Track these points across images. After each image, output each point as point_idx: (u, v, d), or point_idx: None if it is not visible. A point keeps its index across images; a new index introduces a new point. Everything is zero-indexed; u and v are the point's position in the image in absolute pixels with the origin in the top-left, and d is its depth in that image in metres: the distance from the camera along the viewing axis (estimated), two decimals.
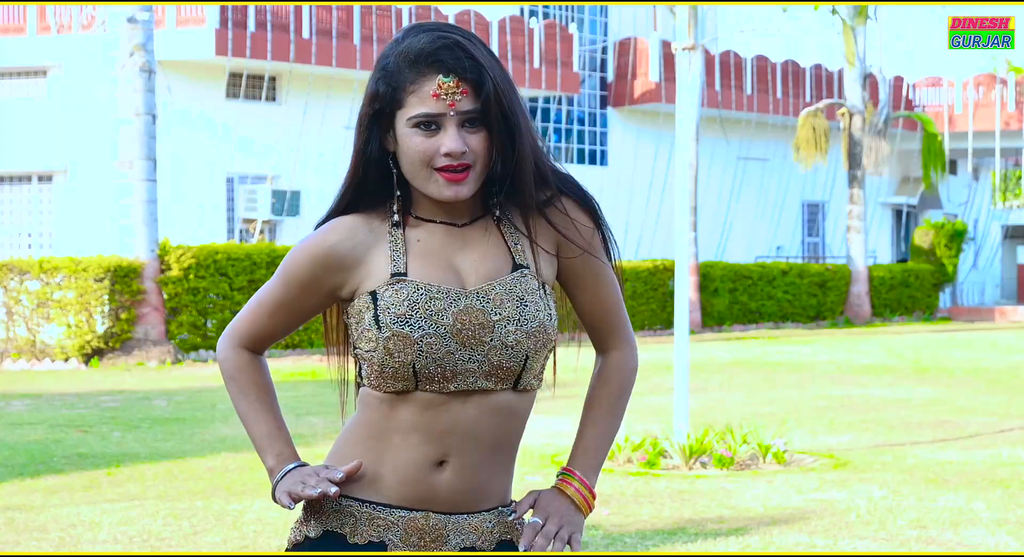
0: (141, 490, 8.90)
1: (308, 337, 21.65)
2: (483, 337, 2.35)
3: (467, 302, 2.36)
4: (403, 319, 2.33)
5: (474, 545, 2.40)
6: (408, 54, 2.36)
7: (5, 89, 26.17)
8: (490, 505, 2.43)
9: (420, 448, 2.38)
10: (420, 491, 2.38)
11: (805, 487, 8.86)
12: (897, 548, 6.96)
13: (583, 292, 2.54)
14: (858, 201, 32.57)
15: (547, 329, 2.40)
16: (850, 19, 32.20)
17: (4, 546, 7.11)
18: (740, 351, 22.17)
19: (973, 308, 36.34)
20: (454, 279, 2.39)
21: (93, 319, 19.69)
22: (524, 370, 2.39)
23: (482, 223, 2.44)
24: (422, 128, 2.34)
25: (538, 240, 2.45)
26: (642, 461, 9.60)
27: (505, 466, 2.45)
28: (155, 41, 20.58)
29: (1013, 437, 11.32)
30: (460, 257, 2.41)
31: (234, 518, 7.86)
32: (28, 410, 13.83)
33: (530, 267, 2.42)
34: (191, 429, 12.15)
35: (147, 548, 7.05)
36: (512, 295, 2.37)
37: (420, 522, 2.38)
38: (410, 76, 2.35)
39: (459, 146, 2.33)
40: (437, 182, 2.35)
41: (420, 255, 2.40)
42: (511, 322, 2.36)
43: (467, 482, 2.39)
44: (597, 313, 2.55)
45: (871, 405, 13.84)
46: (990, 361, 19.84)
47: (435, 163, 2.35)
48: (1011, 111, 39.00)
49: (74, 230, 25.24)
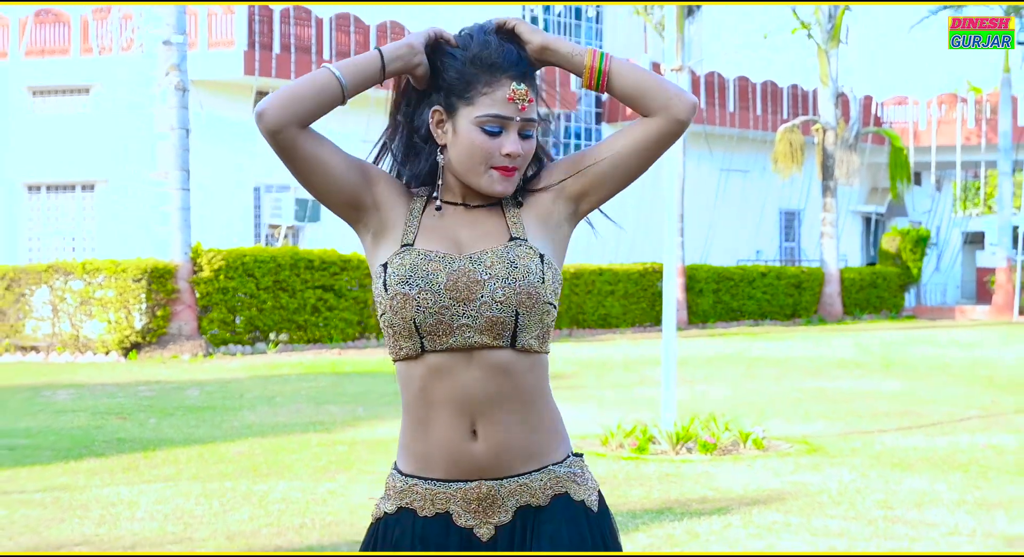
0: (175, 472, 8.91)
1: (328, 333, 21.66)
2: (474, 292, 2.36)
3: (460, 264, 2.38)
4: (403, 280, 2.36)
5: (528, 503, 2.40)
6: (484, 58, 2.39)
7: (52, 106, 26.19)
8: (538, 465, 2.42)
9: (452, 421, 2.38)
10: (465, 464, 2.39)
11: (782, 470, 8.87)
12: (865, 526, 6.96)
13: (611, 159, 2.48)
14: (831, 209, 32.56)
15: (536, 289, 2.38)
16: (824, 43, 32.19)
17: (50, 522, 7.12)
18: (723, 347, 22.16)
19: (936, 307, 36.31)
20: (454, 248, 2.42)
21: (131, 316, 19.70)
22: (518, 327, 2.37)
23: (490, 207, 2.47)
24: (487, 128, 2.38)
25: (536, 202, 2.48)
26: (633, 447, 9.60)
27: (535, 426, 2.42)
28: (188, 62, 20.61)
29: (971, 425, 11.32)
30: (464, 232, 2.44)
31: (260, 498, 7.87)
32: (72, 399, 13.84)
33: (527, 240, 2.42)
34: (221, 416, 12.15)
35: (180, 525, 7.06)
36: (503, 259, 2.38)
37: (475, 491, 2.40)
38: (484, 77, 2.38)
39: (519, 149, 2.39)
40: (491, 177, 2.40)
41: (429, 230, 2.43)
42: (499, 280, 2.37)
43: (500, 444, 2.39)
44: (625, 143, 2.48)
45: (842, 396, 13.84)
46: (951, 356, 19.83)
47: (493, 162, 2.39)
48: (971, 127, 38.98)
49: (114, 234, 25.25)
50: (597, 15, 35.20)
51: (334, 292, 21.74)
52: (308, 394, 14.15)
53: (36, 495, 7.96)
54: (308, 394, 14.15)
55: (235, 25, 25.68)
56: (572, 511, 2.43)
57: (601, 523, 2.47)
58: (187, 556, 6.38)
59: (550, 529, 2.39)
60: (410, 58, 2.42)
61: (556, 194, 2.48)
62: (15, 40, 26.39)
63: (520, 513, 2.41)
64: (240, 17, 25.63)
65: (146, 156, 22.59)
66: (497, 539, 2.40)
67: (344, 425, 11.44)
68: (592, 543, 2.43)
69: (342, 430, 11.08)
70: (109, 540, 6.70)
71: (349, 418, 11.96)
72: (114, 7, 25.76)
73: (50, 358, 19.99)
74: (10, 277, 20.55)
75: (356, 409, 12.66)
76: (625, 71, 2.45)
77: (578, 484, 2.45)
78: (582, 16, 34.98)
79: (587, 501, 2.45)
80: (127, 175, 25.21)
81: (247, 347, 20.63)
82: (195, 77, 23.03)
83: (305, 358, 19.39)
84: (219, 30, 25.80)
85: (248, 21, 25.67)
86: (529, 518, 2.41)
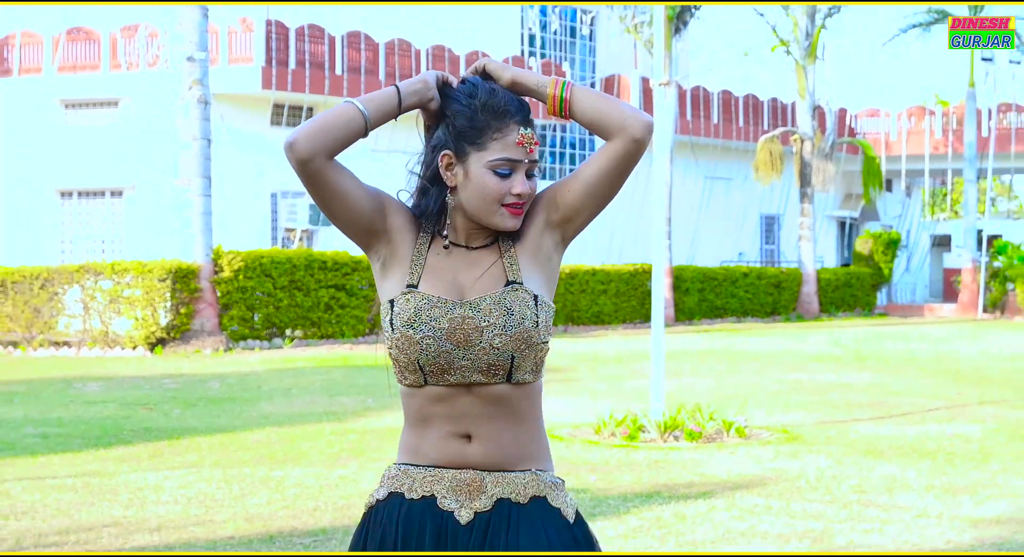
0: (198, 459, 8.90)
1: (340, 329, 21.65)
2: (473, 339, 2.37)
3: (461, 311, 2.38)
4: (408, 323, 2.38)
5: (508, 496, 2.40)
6: (493, 106, 2.40)
7: (83, 117, 26.18)
8: (526, 467, 2.43)
9: (447, 428, 2.41)
10: (456, 457, 2.41)
11: (762, 457, 8.86)
12: (840, 509, 6.96)
13: (582, 189, 2.46)
14: (808, 214, 32.55)
15: (531, 334, 2.39)
16: (801, 59, 32.18)
17: (81, 506, 7.11)
18: (708, 342, 22.15)
19: (906, 305, 36.31)
20: (455, 292, 2.42)
21: (157, 313, 19.69)
22: (513, 368, 2.39)
23: (489, 248, 2.47)
24: (499, 171, 2.39)
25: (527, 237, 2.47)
26: (624, 435, 9.60)
27: (529, 436, 2.44)
28: (210, 77, 20.60)
29: (939, 415, 11.32)
30: (464, 274, 2.44)
31: (277, 483, 7.86)
32: (101, 391, 13.84)
33: (523, 283, 2.43)
34: (240, 407, 12.14)
35: (202, 508, 7.05)
36: (500, 306, 2.39)
37: (461, 476, 2.41)
38: (495, 124, 2.40)
39: (527, 188, 2.41)
40: (503, 215, 2.41)
41: (432, 271, 2.44)
42: (497, 328, 2.37)
43: (493, 449, 2.40)
44: (592, 171, 2.45)
45: (819, 388, 13.84)
46: (920, 351, 19.83)
47: (505, 201, 2.40)
48: (938, 138, 38.97)
49: (141, 237, 25.23)
50: (591, 33, 35.18)
51: (346, 291, 21.74)
52: (322, 386, 14.14)
53: (68, 480, 7.96)
54: (322, 386, 14.14)
55: (253, 42, 25.66)
56: (550, 514, 2.42)
57: (579, 529, 2.44)
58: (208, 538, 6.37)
59: (528, 524, 2.39)
60: (424, 93, 2.43)
61: (543, 227, 2.48)
62: (48, 56, 26.38)
63: (499, 505, 2.40)
64: (258, 35, 25.61)
65: (170, 164, 22.56)
66: (475, 525, 2.39)
67: (355, 415, 11.43)
68: (573, 538, 2.41)
69: (354, 420, 11.08)
70: (136, 522, 6.69)
71: (360, 408, 11.95)
72: (140, 26, 25.75)
73: (81, 352, 19.98)
74: (44, 277, 20.55)
75: (367, 400, 12.65)
76: (584, 97, 2.45)
77: (556, 493, 2.44)
78: (576, 34, 34.96)
79: (563, 510, 2.43)
80: (153, 182, 25.19)
81: (265, 342, 20.62)
82: (216, 91, 23.00)
83: (319, 352, 19.38)
84: (238, 47, 25.79)
85: (265, 38, 25.66)
86: (506, 512, 2.40)
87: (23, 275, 20.71)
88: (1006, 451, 9.17)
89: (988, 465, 8.52)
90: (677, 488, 7.63)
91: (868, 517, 6.76)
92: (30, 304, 20.48)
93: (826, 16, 32.00)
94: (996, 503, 7.17)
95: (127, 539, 6.29)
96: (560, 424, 10.43)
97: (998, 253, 33.68)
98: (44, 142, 25.98)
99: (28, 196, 26.25)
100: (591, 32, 35.14)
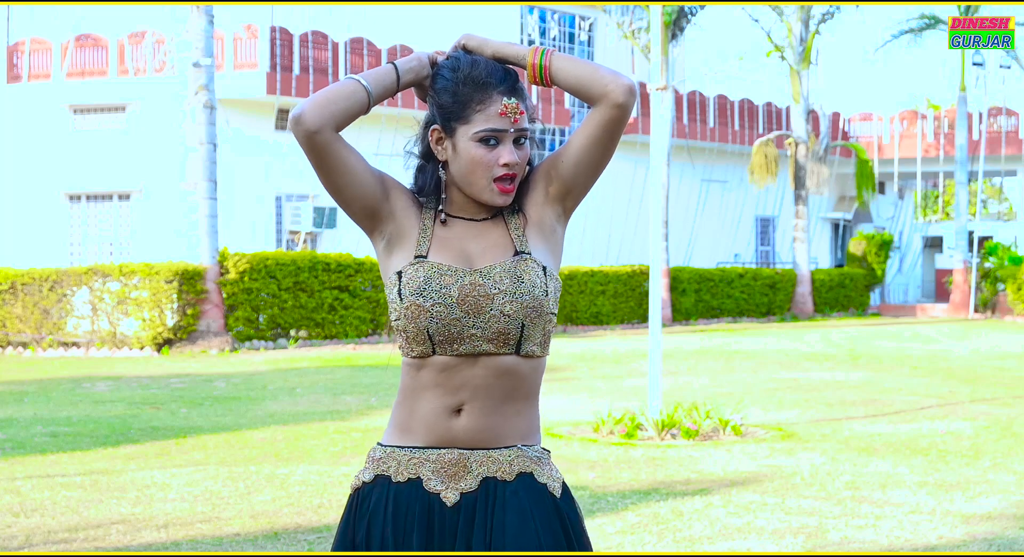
0: (204, 457, 8.90)
1: (344, 330, 21.64)
2: (483, 306, 2.35)
3: (471, 278, 2.37)
4: (418, 291, 2.35)
5: (494, 475, 2.39)
6: (475, 78, 2.38)
7: (91, 122, 26.18)
8: (509, 443, 2.41)
9: (439, 400, 2.38)
10: (442, 433, 2.38)
11: (758, 455, 8.86)
12: (834, 506, 6.96)
13: (574, 158, 2.44)
14: (802, 216, 32.54)
15: (540, 302, 2.37)
16: (796, 65, 32.17)
17: (89, 503, 7.11)
18: (704, 341, 22.15)
19: (898, 305, 36.29)
20: (464, 261, 2.40)
21: (164, 314, 19.69)
22: (522, 337, 2.37)
23: (493, 220, 2.45)
24: (484, 142, 2.37)
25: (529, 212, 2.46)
26: (622, 433, 9.60)
27: (518, 412, 2.42)
28: (216, 82, 20.59)
29: (932, 413, 11.32)
30: (471, 245, 2.42)
31: (282, 480, 7.86)
32: (110, 390, 13.84)
33: (531, 254, 2.42)
34: (246, 406, 12.14)
35: (209, 505, 7.05)
36: (510, 274, 2.37)
37: (446, 457, 2.38)
38: (477, 96, 2.38)
39: (515, 158, 2.38)
40: (492, 191, 2.39)
41: (440, 242, 2.42)
42: (507, 294, 2.36)
43: (481, 424, 2.38)
44: (581, 140, 2.43)
45: (813, 386, 13.83)
46: (912, 350, 19.83)
47: (494, 173, 2.38)
48: (930, 141, 38.97)
49: (148, 240, 25.24)
50: (589, 39, 35.19)
51: (349, 292, 21.74)
52: (325, 385, 14.14)
53: (77, 478, 7.95)
54: (325, 385, 14.14)
55: (258, 48, 25.67)
56: (536, 491, 2.40)
57: (565, 505, 2.43)
58: (214, 535, 6.37)
59: (515, 502, 2.37)
60: (420, 71, 2.44)
61: (543, 201, 2.47)
62: (57, 63, 26.40)
63: (485, 484, 2.38)
64: (263, 41, 25.63)
65: (177, 168, 22.57)
66: (461, 506, 2.37)
67: (359, 414, 11.43)
68: (559, 520, 2.39)
69: (357, 418, 11.08)
70: (143, 519, 6.69)
71: (363, 407, 11.95)
72: (147, 33, 25.76)
73: (90, 353, 19.97)
74: (53, 279, 20.54)
75: (370, 399, 12.65)
76: (565, 65, 2.43)
77: (542, 468, 2.42)
78: (575, 40, 34.97)
79: (550, 486, 2.42)
80: (160, 186, 25.20)
81: (269, 343, 20.61)
82: (222, 96, 23.01)
83: (323, 353, 19.38)
84: (244, 53, 25.79)
85: (270, 44, 25.67)
86: (492, 491, 2.38)
87: (33, 277, 20.71)
88: (997, 448, 9.17)
89: (979, 462, 8.52)
90: (674, 485, 7.63)
91: (862, 513, 6.76)
92: (39, 305, 20.48)
93: (820, 22, 32.01)
94: (987, 499, 7.17)
95: (135, 536, 6.29)
96: (559, 422, 10.43)
97: (989, 254, 33.67)
98: (53, 147, 25.99)
99: (38, 199, 26.25)
100: (589, 38, 35.15)
